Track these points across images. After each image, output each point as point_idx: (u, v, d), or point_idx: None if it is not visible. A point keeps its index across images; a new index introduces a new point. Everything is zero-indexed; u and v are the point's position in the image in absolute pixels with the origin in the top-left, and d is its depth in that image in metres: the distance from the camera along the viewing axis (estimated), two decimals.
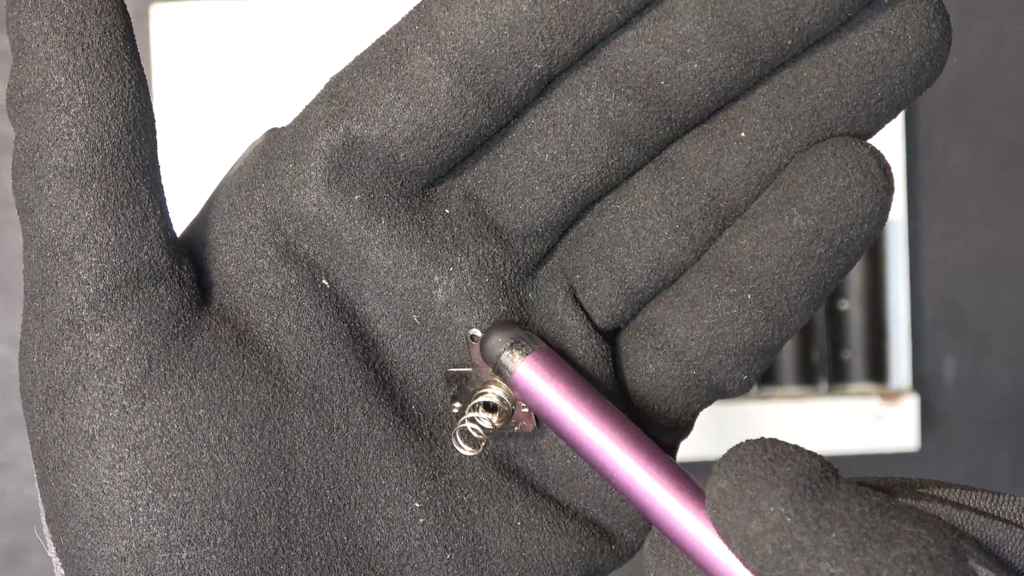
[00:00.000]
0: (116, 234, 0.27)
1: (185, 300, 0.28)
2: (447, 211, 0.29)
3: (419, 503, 0.29)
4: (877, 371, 0.81)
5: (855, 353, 0.81)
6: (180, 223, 0.30)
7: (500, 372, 0.28)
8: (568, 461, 0.30)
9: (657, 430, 0.31)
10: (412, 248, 0.29)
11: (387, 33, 0.28)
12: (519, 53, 0.27)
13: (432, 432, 0.30)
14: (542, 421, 0.29)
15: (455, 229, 0.29)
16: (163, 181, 0.29)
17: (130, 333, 0.28)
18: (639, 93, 0.28)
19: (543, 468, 0.30)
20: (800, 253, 0.28)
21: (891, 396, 0.81)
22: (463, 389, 0.29)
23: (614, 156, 0.28)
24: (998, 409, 0.84)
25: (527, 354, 0.28)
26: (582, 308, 0.30)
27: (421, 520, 0.29)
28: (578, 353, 0.29)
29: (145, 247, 0.28)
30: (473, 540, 0.30)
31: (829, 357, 0.81)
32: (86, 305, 0.28)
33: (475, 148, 0.28)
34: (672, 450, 0.31)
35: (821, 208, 0.28)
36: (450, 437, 0.30)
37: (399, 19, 0.28)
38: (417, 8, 0.28)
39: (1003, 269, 0.84)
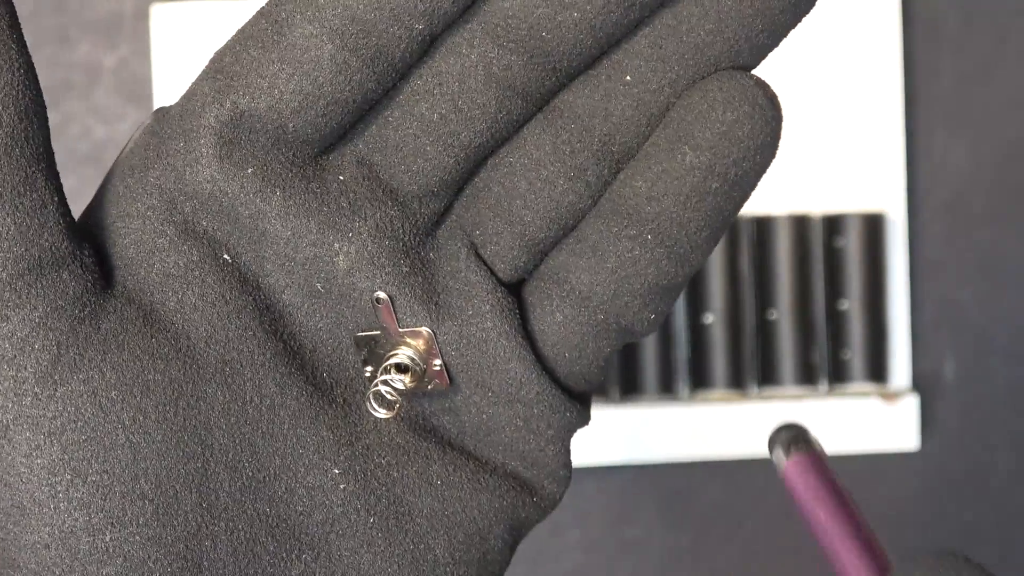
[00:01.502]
0: (15, 223, 0.27)
1: (89, 284, 0.28)
2: (341, 178, 0.29)
3: (338, 469, 0.29)
4: (877, 371, 0.81)
5: (855, 353, 0.81)
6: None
7: (777, 461, 0.32)
8: (484, 416, 0.30)
9: (571, 379, 0.31)
10: (309, 217, 0.29)
11: (267, 5, 0.28)
12: (399, 15, 0.27)
13: (346, 398, 0.30)
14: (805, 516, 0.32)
15: (351, 195, 0.29)
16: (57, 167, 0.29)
17: (36, 320, 0.28)
18: (521, 46, 0.28)
19: (459, 425, 0.31)
20: (696, 190, 0.28)
21: (891, 396, 0.81)
22: (373, 352, 0.30)
23: (502, 110, 0.28)
24: (998, 409, 0.84)
25: (798, 453, 0.32)
26: (485, 263, 0.30)
27: (342, 486, 0.29)
28: (485, 308, 0.29)
29: (45, 234, 0.28)
30: (395, 502, 0.30)
31: (829, 357, 0.81)
32: None
33: (364, 113, 0.29)
34: (586, 398, 0.32)
35: (712, 144, 0.28)
36: (364, 402, 0.30)
37: None
38: None
39: (1003, 269, 0.84)
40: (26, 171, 0.27)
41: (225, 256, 0.29)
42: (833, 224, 0.82)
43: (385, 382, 0.29)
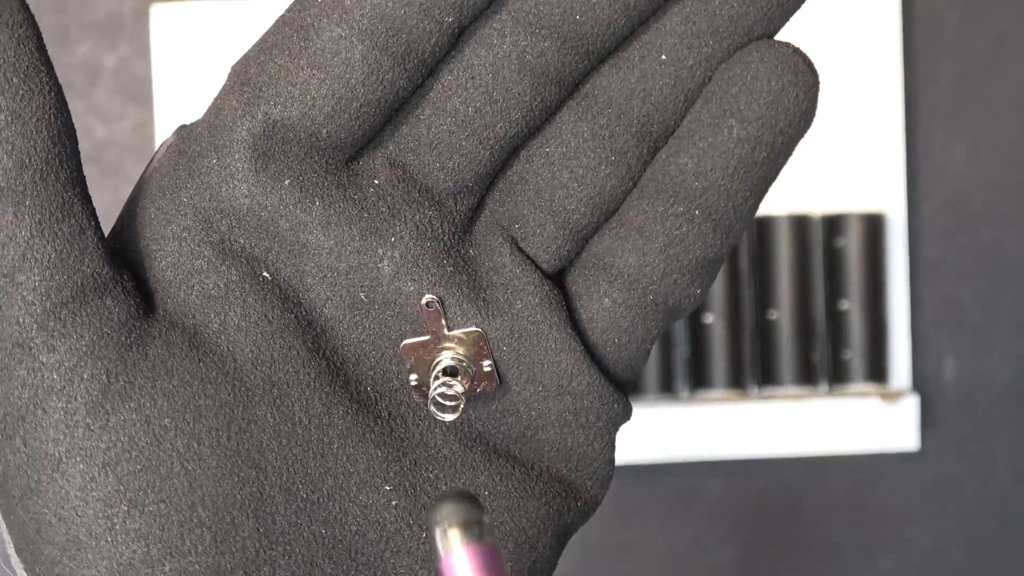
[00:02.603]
0: (56, 250, 0.27)
1: (132, 309, 0.28)
2: (376, 182, 0.29)
3: (389, 486, 0.29)
4: (877, 371, 0.81)
5: (855, 353, 0.81)
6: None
7: (433, 547, 0.26)
8: (533, 413, 0.30)
9: (618, 366, 0.31)
10: (351, 224, 0.28)
11: (288, 12, 0.28)
12: (428, 10, 0.27)
13: (391, 411, 0.30)
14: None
15: (389, 199, 0.29)
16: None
17: (84, 349, 0.27)
18: (555, 31, 0.28)
19: (506, 428, 0.30)
20: (744, 161, 0.28)
21: (891, 396, 0.81)
22: (420, 359, 0.29)
23: (537, 98, 0.28)
24: (998, 409, 0.84)
25: (470, 543, 0.25)
26: (528, 257, 0.30)
27: (394, 503, 0.29)
28: (534, 301, 0.29)
29: (86, 260, 0.27)
30: None
31: (829, 357, 0.81)
32: (35, 326, 0.27)
33: (393, 113, 0.28)
34: (627, 387, 0.31)
35: (760, 114, 0.28)
36: (408, 413, 0.29)
37: None
38: None
39: (1003, 269, 0.84)
40: (63, 196, 0.27)
41: (264, 273, 0.29)
42: (833, 224, 0.82)
43: (446, 384, 0.29)
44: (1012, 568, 0.85)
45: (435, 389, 0.29)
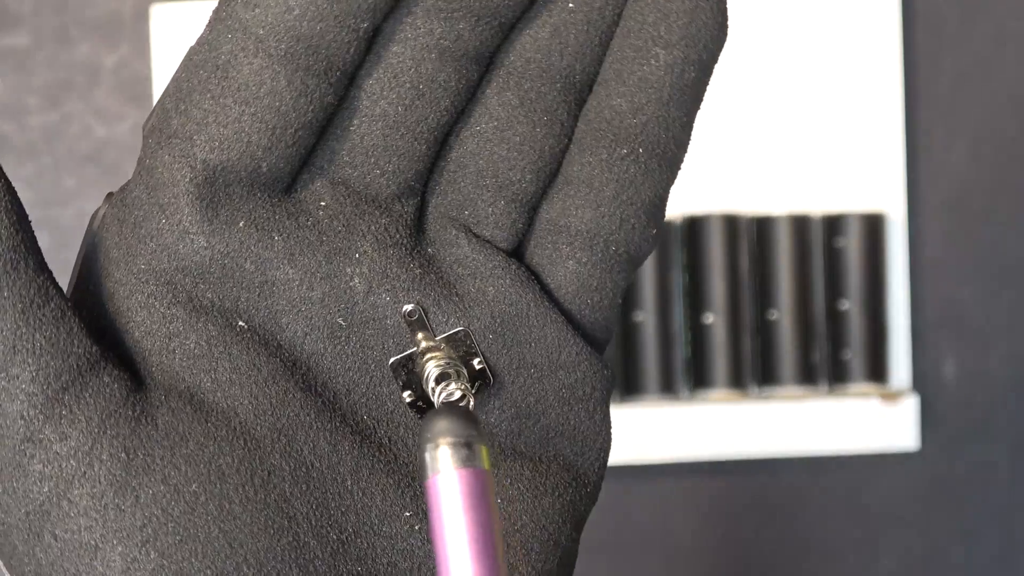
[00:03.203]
0: (45, 336, 0.27)
1: (129, 383, 0.28)
2: (323, 203, 0.29)
3: (408, 512, 0.29)
4: (877, 371, 0.81)
5: (855, 353, 0.81)
6: None
7: (422, 466, 0.25)
8: (531, 398, 0.30)
9: (595, 329, 0.30)
10: (314, 251, 0.28)
11: (196, 55, 0.28)
12: (343, 19, 0.27)
13: (390, 436, 0.29)
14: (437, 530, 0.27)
15: (341, 217, 0.29)
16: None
17: (96, 431, 0.27)
18: (467, 12, 0.28)
19: (507, 425, 0.30)
20: (676, 86, 0.29)
21: (891, 396, 0.81)
22: (411, 373, 0.29)
23: (462, 81, 0.28)
24: (998, 409, 0.84)
25: (464, 466, 0.24)
26: (486, 241, 0.30)
27: (416, 527, 0.29)
28: (506, 283, 0.29)
29: (75, 341, 0.27)
30: None
31: (829, 357, 0.81)
32: (40, 417, 0.27)
33: (321, 132, 0.28)
34: (604, 348, 0.31)
35: (682, 35, 0.28)
36: (407, 435, 0.29)
37: (201, 38, 0.28)
38: (217, 20, 0.27)
39: (1003, 269, 0.84)
40: (37, 282, 0.27)
41: (240, 323, 0.28)
42: (833, 224, 0.82)
43: (445, 391, 0.29)
44: (1012, 568, 0.85)
45: (439, 399, 0.29)
